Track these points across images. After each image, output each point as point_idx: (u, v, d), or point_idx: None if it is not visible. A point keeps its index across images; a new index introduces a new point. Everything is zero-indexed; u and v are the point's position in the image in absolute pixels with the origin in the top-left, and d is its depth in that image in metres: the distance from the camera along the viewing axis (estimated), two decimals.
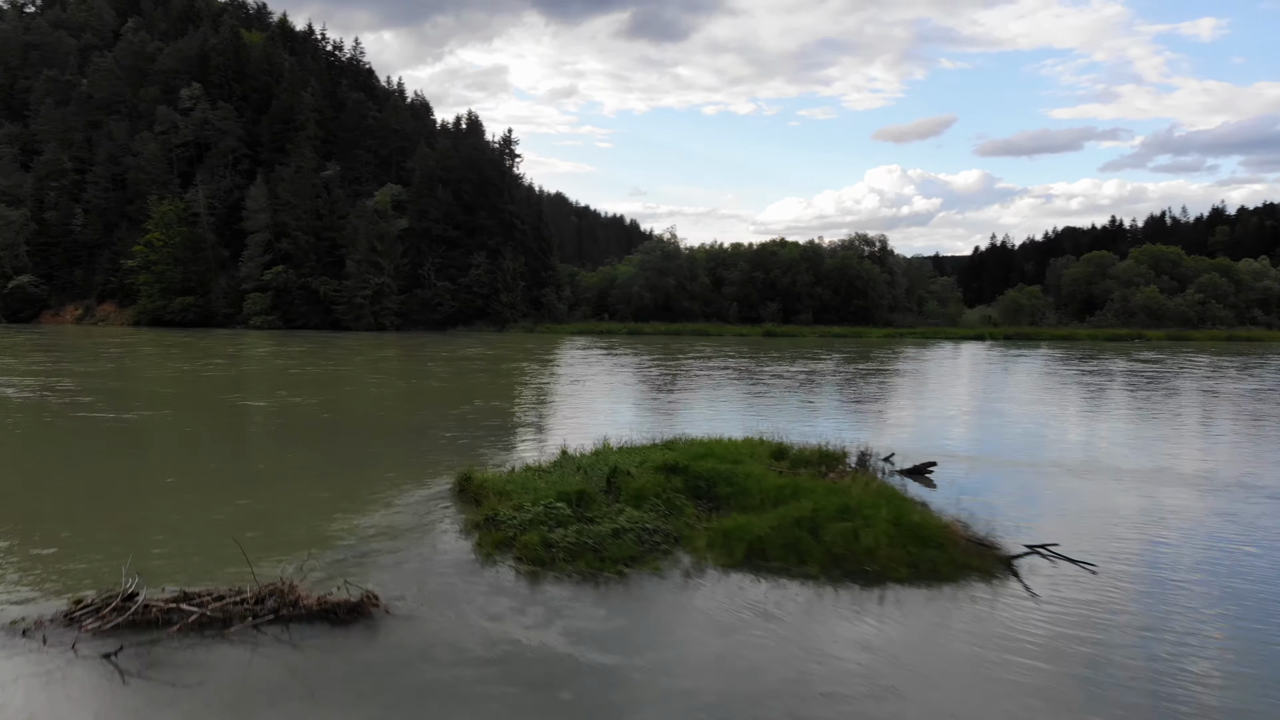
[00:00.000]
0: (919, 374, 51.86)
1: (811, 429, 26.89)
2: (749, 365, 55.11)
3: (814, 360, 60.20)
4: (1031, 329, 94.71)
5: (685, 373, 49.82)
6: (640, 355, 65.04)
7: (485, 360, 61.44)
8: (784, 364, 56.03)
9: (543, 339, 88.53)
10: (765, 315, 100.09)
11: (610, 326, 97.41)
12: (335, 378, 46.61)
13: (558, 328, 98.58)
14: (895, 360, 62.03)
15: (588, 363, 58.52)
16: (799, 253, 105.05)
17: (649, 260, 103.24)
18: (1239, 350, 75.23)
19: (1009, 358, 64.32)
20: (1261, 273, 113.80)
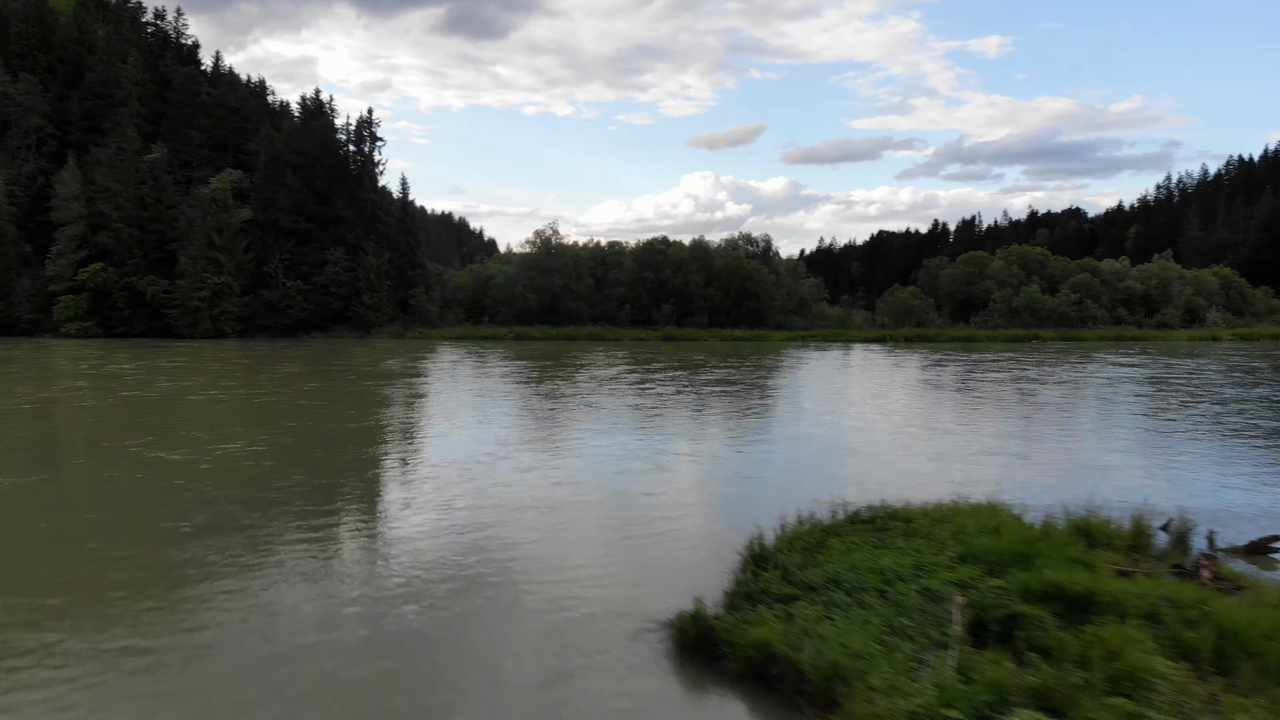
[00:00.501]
0: (935, 388, 45.96)
1: (939, 474, 18.72)
2: (692, 375, 47.87)
3: (761, 368, 53.62)
4: (925, 330, 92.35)
5: (629, 387, 41.97)
6: (550, 366, 56.29)
7: (372, 374, 51.36)
8: (730, 372, 49.23)
9: (416, 346, 78.44)
10: (659, 318, 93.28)
11: (493, 331, 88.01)
12: (175, 401, 36.44)
13: (432, 333, 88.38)
14: (850, 367, 56.18)
15: (504, 379, 49.37)
16: (687, 252, 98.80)
17: (532, 259, 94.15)
18: (1155, 349, 73.77)
19: (979, 364, 59.31)
20: (1123, 272, 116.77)
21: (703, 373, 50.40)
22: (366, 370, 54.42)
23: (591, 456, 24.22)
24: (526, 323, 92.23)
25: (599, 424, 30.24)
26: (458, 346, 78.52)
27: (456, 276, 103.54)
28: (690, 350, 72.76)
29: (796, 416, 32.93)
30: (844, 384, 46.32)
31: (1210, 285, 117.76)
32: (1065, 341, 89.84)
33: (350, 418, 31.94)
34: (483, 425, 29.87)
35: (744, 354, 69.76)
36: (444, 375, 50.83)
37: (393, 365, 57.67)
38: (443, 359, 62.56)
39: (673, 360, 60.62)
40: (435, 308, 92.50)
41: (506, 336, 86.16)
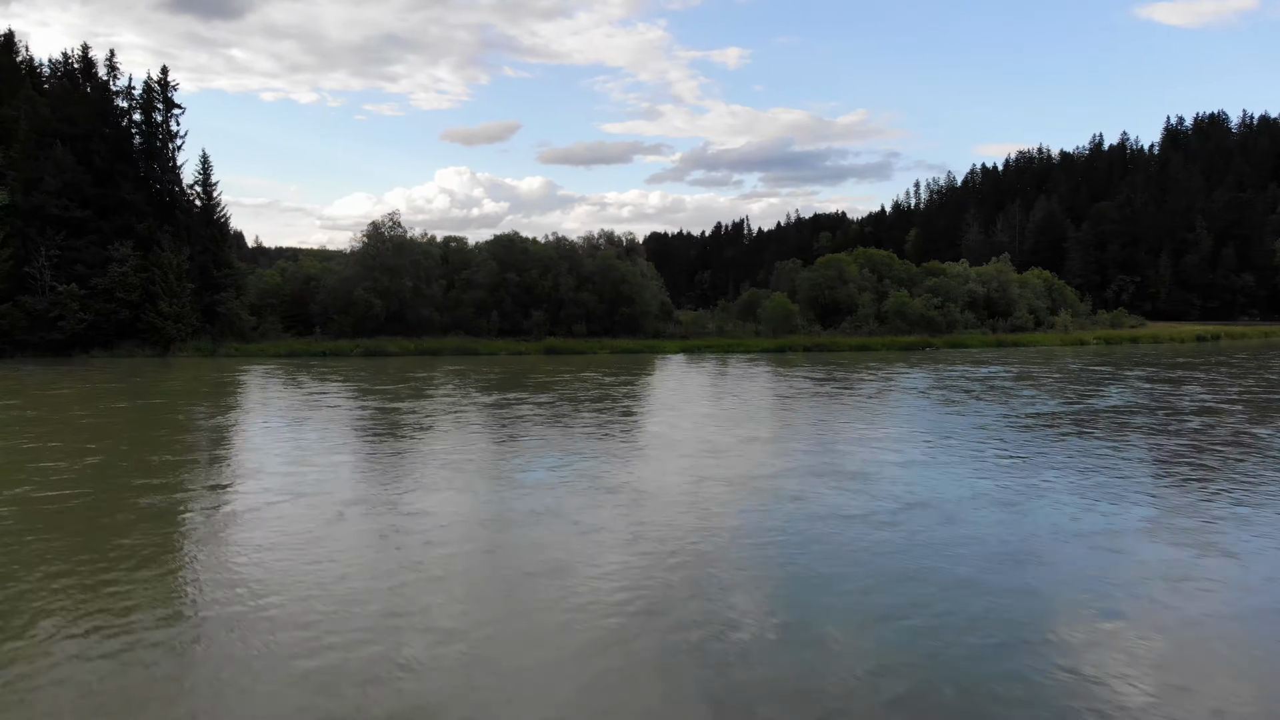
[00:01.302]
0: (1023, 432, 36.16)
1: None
2: (674, 414, 36.06)
3: (725, 393, 42.45)
4: (816, 338, 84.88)
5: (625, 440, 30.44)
6: (455, 402, 43.01)
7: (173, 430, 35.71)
8: (708, 406, 37.93)
9: (232, 367, 61.47)
10: (529, 327, 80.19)
11: (333, 346, 71.52)
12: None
13: (250, 348, 70.77)
14: (833, 398, 45.80)
15: (422, 437, 35.82)
16: (553, 250, 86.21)
17: (375, 256, 77.95)
18: (1038, 355, 69.47)
19: (982, 379, 50.88)
20: (965, 275, 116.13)
21: (655, 403, 38.94)
22: (162, 414, 38.81)
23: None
24: (368, 333, 76.44)
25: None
26: (290, 368, 62.32)
27: (267, 277, 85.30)
28: (592, 367, 60.90)
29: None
30: (881, 427, 36.18)
31: (1037, 287, 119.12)
32: (952, 349, 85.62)
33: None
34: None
35: (651, 369, 58.80)
36: (308, 433, 36.26)
37: (205, 416, 42.04)
38: (283, 396, 47.00)
39: (595, 383, 48.73)
40: (250, 316, 74.75)
41: (351, 352, 70.27)
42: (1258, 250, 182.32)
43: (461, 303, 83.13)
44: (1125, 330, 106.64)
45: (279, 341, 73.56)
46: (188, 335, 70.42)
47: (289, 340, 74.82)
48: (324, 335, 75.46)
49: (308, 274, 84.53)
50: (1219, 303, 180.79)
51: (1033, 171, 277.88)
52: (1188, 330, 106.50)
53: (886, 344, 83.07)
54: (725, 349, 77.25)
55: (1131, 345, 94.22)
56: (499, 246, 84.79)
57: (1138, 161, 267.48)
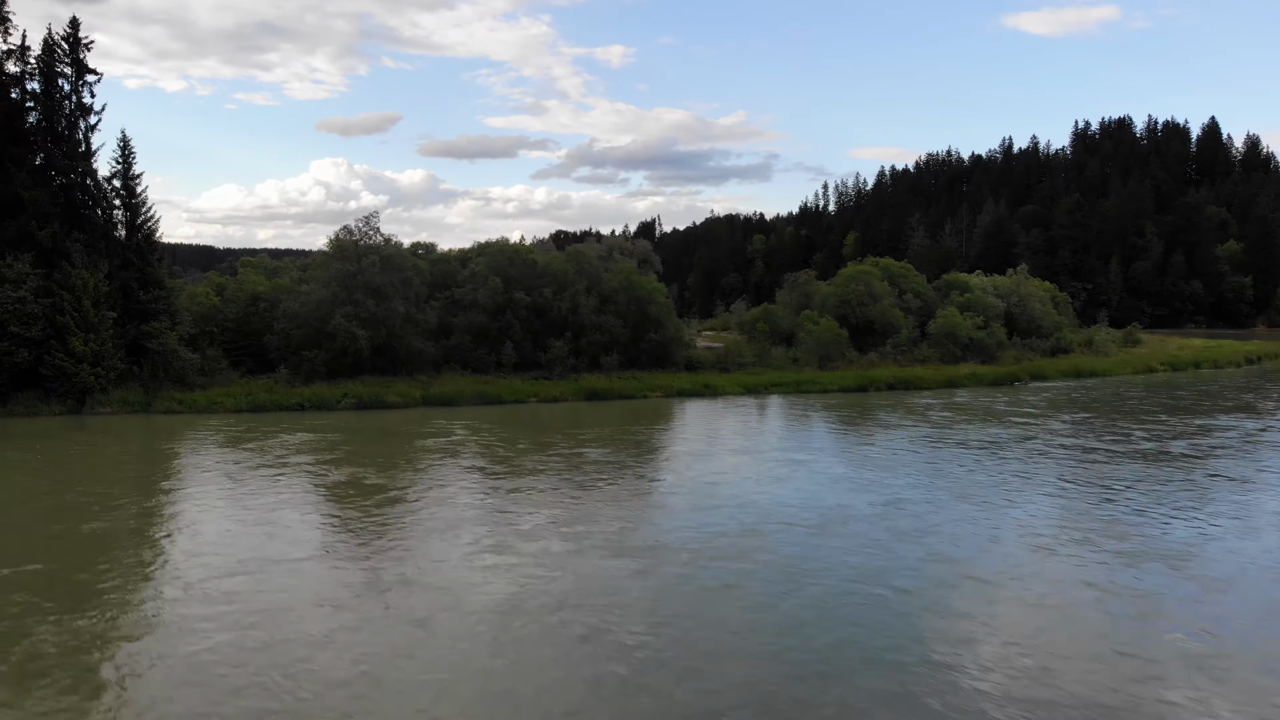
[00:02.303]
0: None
1: None
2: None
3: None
4: (898, 371, 69.61)
5: None
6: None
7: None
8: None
9: (181, 436, 43.80)
10: (549, 360, 63.64)
11: (313, 396, 53.42)
12: None
13: (196, 399, 51.99)
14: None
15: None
16: (566, 263, 69.56)
17: (358, 273, 59.83)
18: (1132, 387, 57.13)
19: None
20: (983, 288, 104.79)
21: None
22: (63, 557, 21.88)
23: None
24: (346, 371, 58.72)
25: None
26: (260, 432, 44.82)
27: (199, 296, 65.83)
28: (672, 424, 45.27)
29: None
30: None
31: (1044, 299, 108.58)
32: (1035, 380, 73.17)
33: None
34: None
35: (774, 430, 43.22)
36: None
37: (140, 578, 25.10)
38: (289, 513, 29.99)
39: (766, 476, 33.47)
40: (192, 354, 56.02)
41: (339, 404, 52.70)
42: (1205, 257, 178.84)
43: (454, 328, 66.05)
44: (1166, 350, 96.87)
45: (232, 386, 55.12)
46: (110, 383, 51.54)
47: (245, 383, 56.46)
48: (291, 376, 57.28)
49: (254, 292, 65.82)
50: (1167, 310, 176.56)
51: (946, 174, 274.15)
52: (1229, 348, 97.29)
53: (970, 375, 69.50)
54: (795, 388, 62.57)
55: (1210, 370, 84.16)
56: (500, 258, 67.70)
57: (1052, 164, 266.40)
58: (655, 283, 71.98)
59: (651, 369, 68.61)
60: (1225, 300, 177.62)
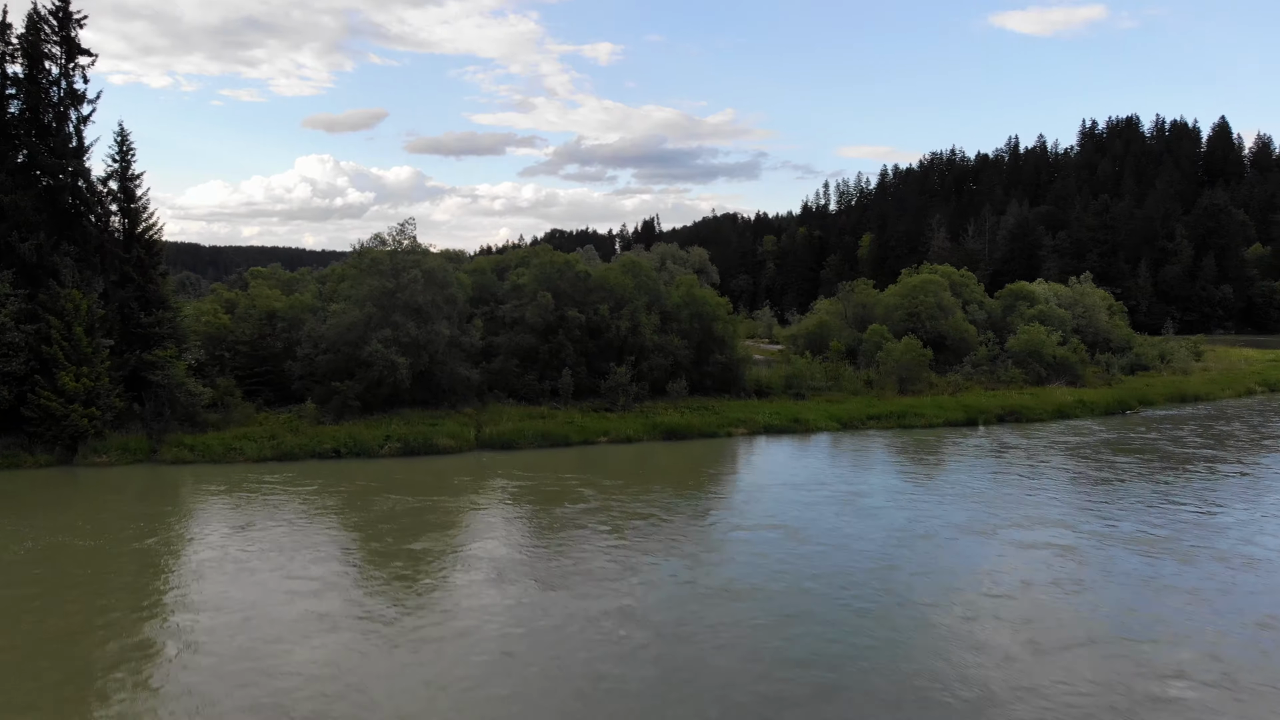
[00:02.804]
0: None
1: None
2: None
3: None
4: (1004, 401, 60.38)
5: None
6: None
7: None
8: None
9: (195, 494, 35.15)
10: (609, 389, 54.99)
11: (350, 437, 44.75)
12: None
13: (210, 442, 42.93)
14: None
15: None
16: (624, 275, 60.79)
17: (399, 289, 50.55)
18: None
19: None
20: (1046, 298, 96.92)
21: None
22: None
23: None
24: (382, 404, 50.20)
25: None
26: (292, 488, 36.46)
27: (204, 313, 56.90)
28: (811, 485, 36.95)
29: None
30: None
31: (1105, 309, 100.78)
32: (1150, 407, 65.01)
33: None
34: None
35: (977, 486, 34.57)
36: None
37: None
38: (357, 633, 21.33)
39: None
40: (203, 388, 47.31)
41: (381, 449, 44.04)
42: (1234, 260, 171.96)
43: (497, 349, 57.52)
44: (1234, 364, 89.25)
45: (251, 426, 46.37)
46: (107, 425, 42.78)
47: (265, 419, 47.79)
48: (319, 411, 48.58)
49: (268, 309, 57.03)
50: (1197, 315, 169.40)
51: (953, 174, 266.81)
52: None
53: (1077, 403, 61.08)
54: (897, 421, 54.28)
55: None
56: (548, 269, 59.07)
57: (1062, 164, 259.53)
58: (718, 297, 63.67)
59: (717, 395, 60.42)
60: (1254, 305, 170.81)
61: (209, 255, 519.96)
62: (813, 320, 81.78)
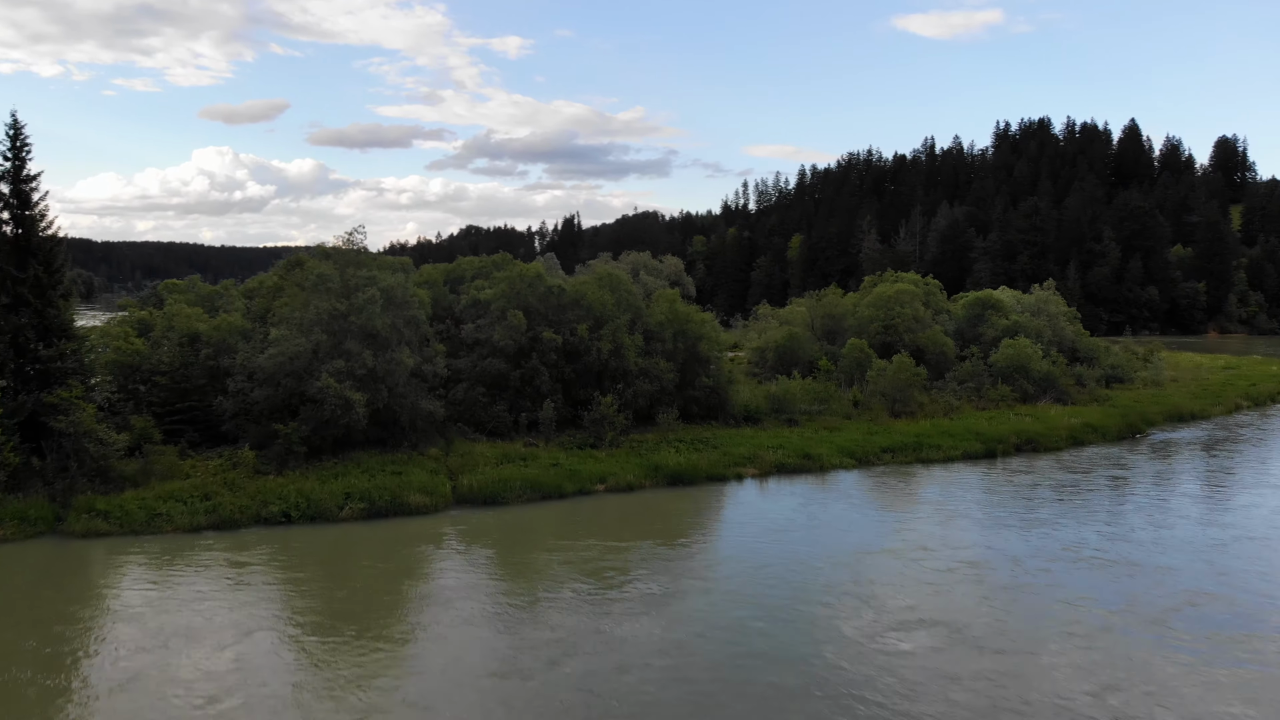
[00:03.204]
0: None
1: None
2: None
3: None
4: (1020, 426, 55.20)
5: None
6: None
7: None
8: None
9: (111, 588, 27.34)
10: (592, 422, 47.78)
11: (299, 495, 36.22)
12: None
13: (129, 505, 34.01)
14: None
15: None
16: (600, 290, 53.34)
17: (352, 312, 42.34)
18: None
19: None
20: (1013, 307, 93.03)
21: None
22: None
23: None
24: (331, 447, 42.49)
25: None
26: (238, 574, 29.16)
27: (113, 339, 47.94)
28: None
29: None
30: None
31: (1062, 316, 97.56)
32: (1151, 426, 60.89)
33: None
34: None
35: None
36: None
37: None
38: None
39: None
40: (117, 434, 38.91)
41: (340, 512, 36.26)
42: (1158, 262, 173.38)
43: (459, 376, 50.12)
44: (1190, 372, 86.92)
45: (177, 482, 38.15)
46: (5, 487, 34.26)
47: (194, 468, 39.65)
48: (260, 457, 40.59)
49: (191, 331, 48.46)
50: (1124, 317, 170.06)
51: (871, 174, 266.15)
52: (1261, 370, 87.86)
53: (1085, 426, 56.21)
54: (914, 454, 48.66)
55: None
56: (517, 283, 51.77)
57: (979, 165, 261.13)
58: (703, 313, 57.40)
59: (703, 421, 54.16)
60: (1178, 306, 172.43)
61: (101, 251, 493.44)
62: (781, 332, 75.99)
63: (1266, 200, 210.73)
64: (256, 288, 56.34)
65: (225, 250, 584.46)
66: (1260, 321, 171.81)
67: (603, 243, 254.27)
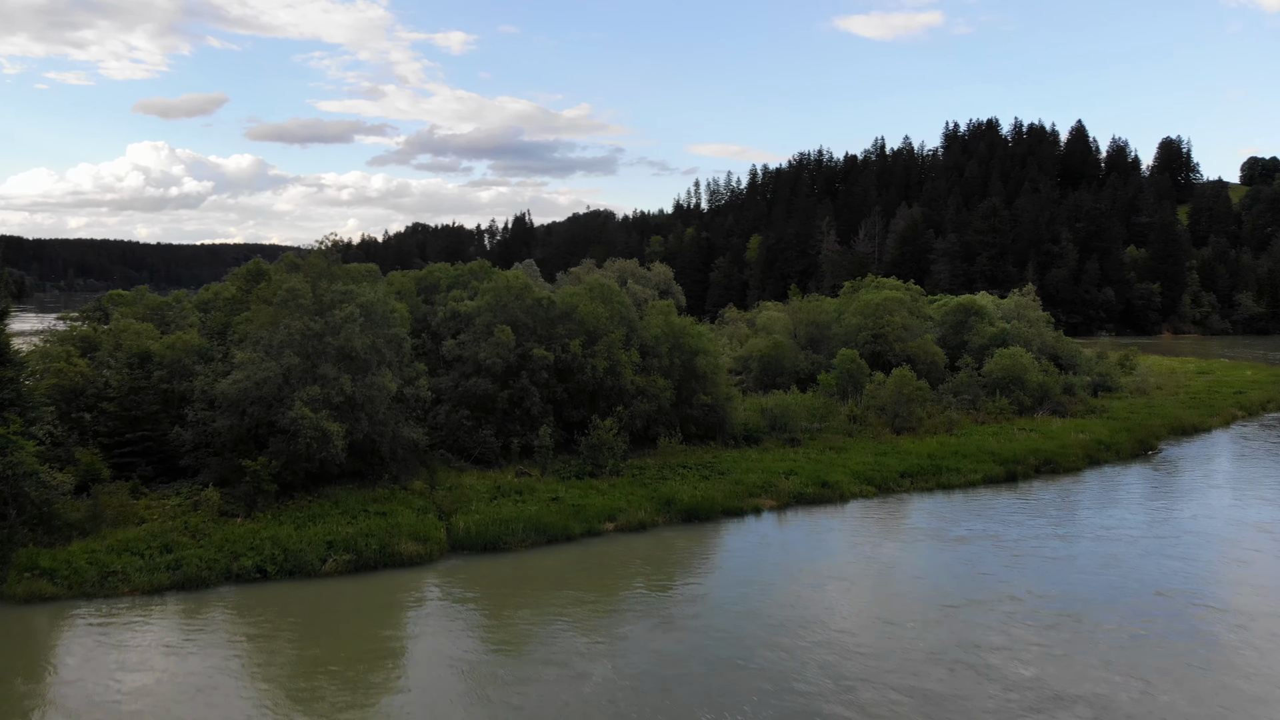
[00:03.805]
0: None
1: None
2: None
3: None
4: (1028, 441, 52.22)
5: None
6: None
7: None
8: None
9: (44, 675, 22.72)
10: (591, 446, 43.39)
11: (272, 543, 30.63)
12: None
13: (75, 560, 28.48)
14: None
15: None
16: (591, 300, 48.98)
17: (328, 331, 37.56)
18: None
19: None
20: (992, 312, 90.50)
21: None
22: None
23: None
24: (303, 482, 37.80)
25: None
26: (196, 643, 24.70)
27: (52, 361, 42.52)
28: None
29: None
30: None
31: (1042, 321, 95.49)
32: (1168, 441, 58.29)
33: None
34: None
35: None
36: None
37: None
38: None
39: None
40: (61, 475, 33.84)
41: (324, 564, 31.61)
42: (1114, 263, 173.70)
43: (441, 397, 45.66)
44: (1168, 378, 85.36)
45: (131, 530, 33.27)
46: None
47: (152, 513, 34.80)
48: (226, 496, 35.83)
49: (141, 350, 43.32)
50: (1080, 318, 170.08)
51: (823, 175, 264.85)
52: (1236, 374, 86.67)
53: (1097, 444, 53.32)
54: (935, 480, 45.29)
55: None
56: (503, 295, 47.37)
57: (930, 166, 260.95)
58: (700, 326, 53.54)
59: (701, 442, 50.32)
60: (1133, 307, 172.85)
61: (33, 249, 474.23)
62: (765, 342, 72.41)
63: (1213, 201, 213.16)
64: (212, 299, 51.16)
65: (161, 248, 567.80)
66: (1213, 322, 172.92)
67: (557, 241, 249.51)
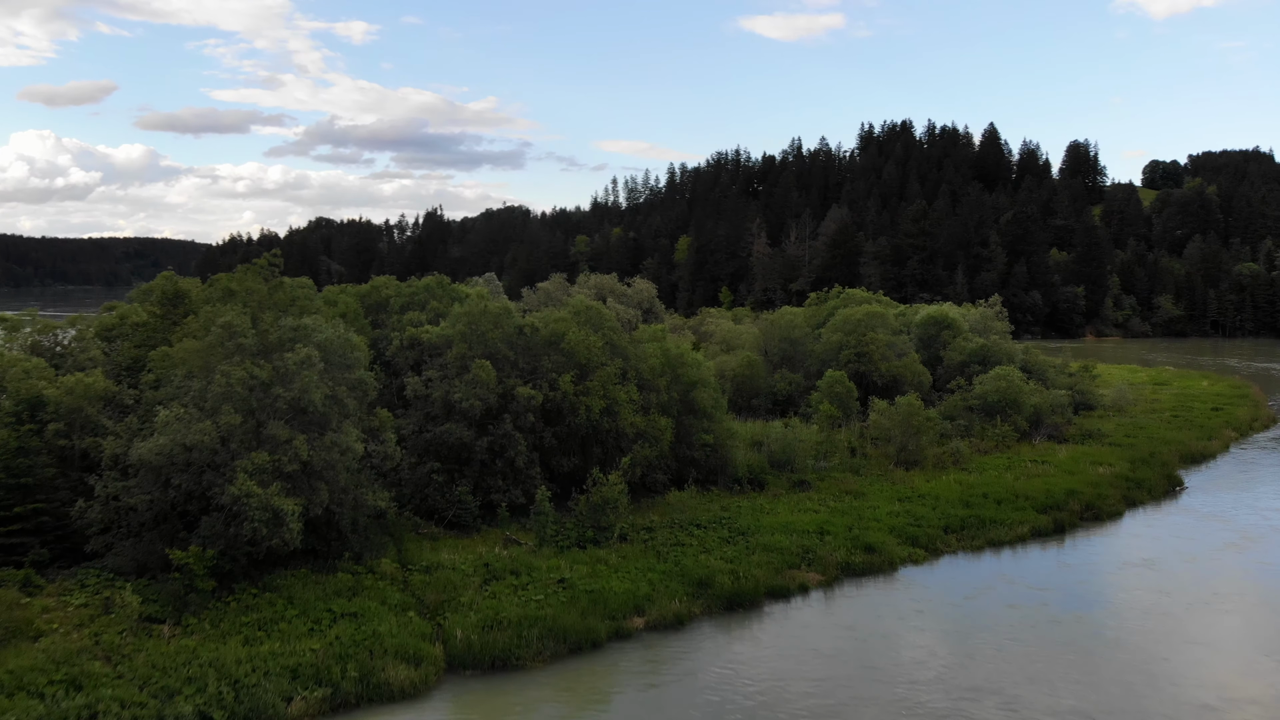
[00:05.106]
0: None
1: None
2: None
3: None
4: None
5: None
6: None
7: None
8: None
9: None
10: (595, 506, 35.74)
11: (231, 674, 22.00)
12: None
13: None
14: None
15: None
16: (577, 329, 41.27)
17: (278, 381, 29.51)
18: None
19: None
20: (963, 324, 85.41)
21: None
22: None
23: None
24: (245, 570, 29.62)
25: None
26: None
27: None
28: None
29: None
30: None
31: (1006, 332, 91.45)
32: (1187, 468, 54.04)
33: None
34: None
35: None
36: None
37: None
38: None
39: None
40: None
41: (290, 701, 23.85)
42: (1040, 266, 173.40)
43: (404, 442, 37.80)
44: (1152, 394, 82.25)
45: (23, 654, 24.80)
46: None
47: (53, 621, 26.29)
48: (147, 595, 27.54)
49: (31, 396, 34.28)
50: (1010, 323, 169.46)
51: (743, 175, 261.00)
52: (1206, 388, 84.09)
53: (1124, 479, 48.30)
54: (979, 532, 39.37)
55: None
56: (478, 319, 39.65)
57: (848, 167, 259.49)
58: (698, 356, 46.68)
59: (702, 486, 43.51)
60: (1059, 310, 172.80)
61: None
62: (738, 359, 65.89)
63: (1124, 204, 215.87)
64: (117, 325, 42.03)
65: (46, 241, 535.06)
66: (1134, 324, 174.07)
67: (475, 240, 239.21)
